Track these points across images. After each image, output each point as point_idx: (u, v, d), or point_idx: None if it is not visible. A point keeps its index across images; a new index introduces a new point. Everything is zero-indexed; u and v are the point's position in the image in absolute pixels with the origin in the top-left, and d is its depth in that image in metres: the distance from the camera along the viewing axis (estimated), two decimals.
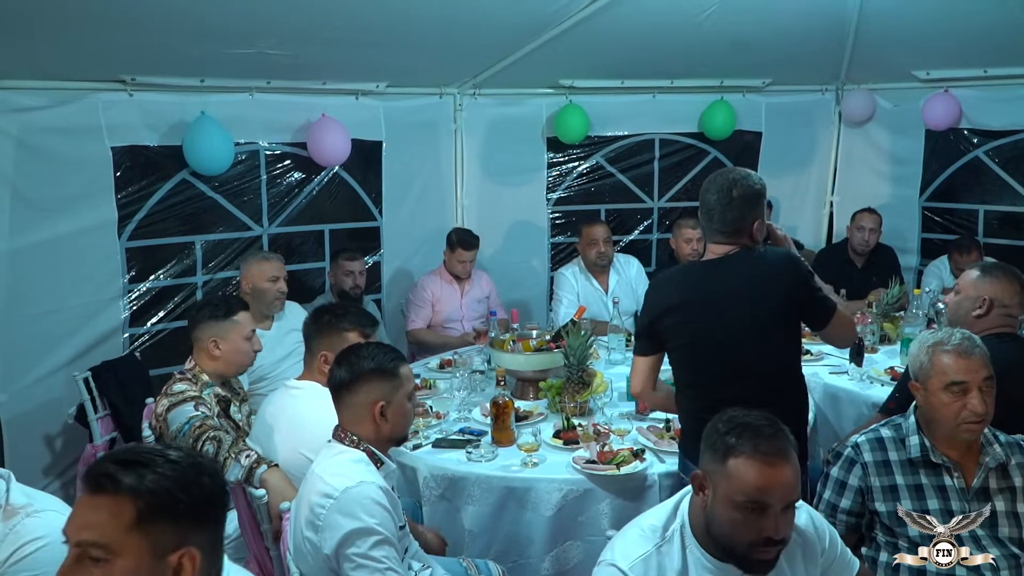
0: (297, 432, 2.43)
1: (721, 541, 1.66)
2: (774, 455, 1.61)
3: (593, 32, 3.98)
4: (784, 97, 5.31)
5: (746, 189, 2.30)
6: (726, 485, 1.62)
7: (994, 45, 4.35)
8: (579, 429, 2.86)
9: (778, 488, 1.60)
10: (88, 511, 1.30)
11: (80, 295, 3.76)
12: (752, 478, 1.60)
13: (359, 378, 2.04)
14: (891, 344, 3.84)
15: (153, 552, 1.29)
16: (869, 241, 4.71)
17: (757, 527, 1.61)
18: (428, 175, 4.91)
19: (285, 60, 3.78)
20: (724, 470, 1.63)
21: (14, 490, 1.82)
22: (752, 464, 1.60)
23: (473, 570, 2.44)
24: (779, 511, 1.61)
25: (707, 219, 2.35)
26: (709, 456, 1.67)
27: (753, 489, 1.59)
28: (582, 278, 4.45)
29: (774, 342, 2.32)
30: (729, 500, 1.61)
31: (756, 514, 1.60)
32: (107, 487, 1.29)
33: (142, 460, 1.32)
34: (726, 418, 1.69)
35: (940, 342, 2.10)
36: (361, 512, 1.89)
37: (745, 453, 1.61)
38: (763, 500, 1.60)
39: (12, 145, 3.45)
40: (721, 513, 1.63)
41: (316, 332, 2.62)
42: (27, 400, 3.58)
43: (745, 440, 1.62)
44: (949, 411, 2.04)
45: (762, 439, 1.62)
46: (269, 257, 3.68)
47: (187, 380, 2.73)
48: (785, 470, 1.61)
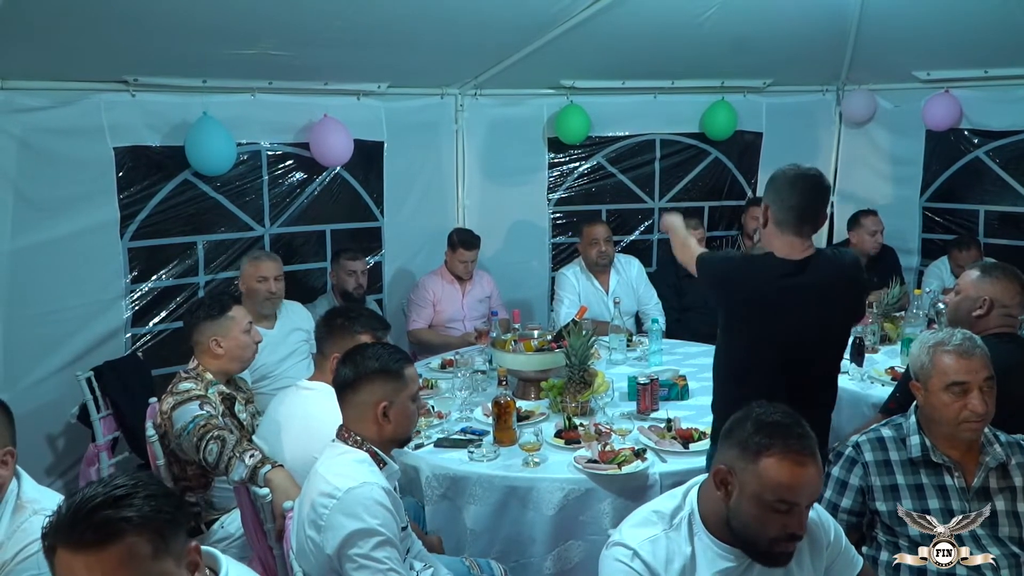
0: (308, 433, 2.43)
1: (742, 535, 1.68)
2: (804, 455, 1.63)
3: (594, 33, 3.99)
4: (785, 97, 5.32)
5: (827, 180, 2.40)
6: (756, 484, 1.63)
7: (994, 46, 4.35)
8: (580, 429, 2.87)
9: (807, 487, 1.63)
10: (107, 562, 1.26)
11: (82, 295, 3.76)
12: (784, 478, 1.61)
13: (363, 377, 2.05)
14: (892, 344, 3.85)
15: (177, 563, 1.34)
16: (880, 242, 4.72)
17: (781, 523, 1.63)
18: (429, 175, 4.92)
19: (287, 61, 3.79)
20: (755, 469, 1.63)
21: (26, 485, 1.83)
22: (784, 464, 1.61)
23: (476, 569, 2.44)
24: (803, 508, 1.64)
25: (796, 209, 2.32)
26: (737, 453, 1.67)
27: (785, 489, 1.61)
28: (583, 278, 4.46)
29: (837, 349, 2.44)
30: (758, 498, 1.63)
31: (783, 512, 1.62)
32: (122, 529, 1.28)
33: (119, 495, 1.30)
34: (754, 416, 1.70)
35: (941, 342, 2.10)
36: (363, 513, 1.89)
37: (777, 454, 1.62)
38: (792, 500, 1.62)
39: (15, 145, 3.46)
40: (747, 510, 1.65)
41: (328, 334, 2.62)
42: (30, 400, 3.58)
43: (776, 440, 1.63)
44: (950, 411, 2.04)
45: (792, 439, 1.63)
46: (260, 257, 3.70)
47: (192, 379, 2.74)
48: (813, 469, 1.63)
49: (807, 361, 2.34)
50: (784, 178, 2.36)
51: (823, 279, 2.32)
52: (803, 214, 2.32)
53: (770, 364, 2.32)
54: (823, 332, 2.36)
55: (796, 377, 2.29)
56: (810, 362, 2.35)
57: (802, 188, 2.33)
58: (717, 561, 1.71)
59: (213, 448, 2.44)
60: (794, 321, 2.30)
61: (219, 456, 2.42)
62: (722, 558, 1.71)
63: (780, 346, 2.31)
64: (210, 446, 2.45)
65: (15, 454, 1.83)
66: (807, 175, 2.36)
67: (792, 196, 2.32)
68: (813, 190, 2.34)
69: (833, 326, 2.39)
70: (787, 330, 2.30)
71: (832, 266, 2.37)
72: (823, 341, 2.39)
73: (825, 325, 2.35)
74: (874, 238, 4.70)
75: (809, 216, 2.33)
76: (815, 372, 2.39)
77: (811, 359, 2.36)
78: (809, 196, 2.33)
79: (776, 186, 2.37)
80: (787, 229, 2.34)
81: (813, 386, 2.38)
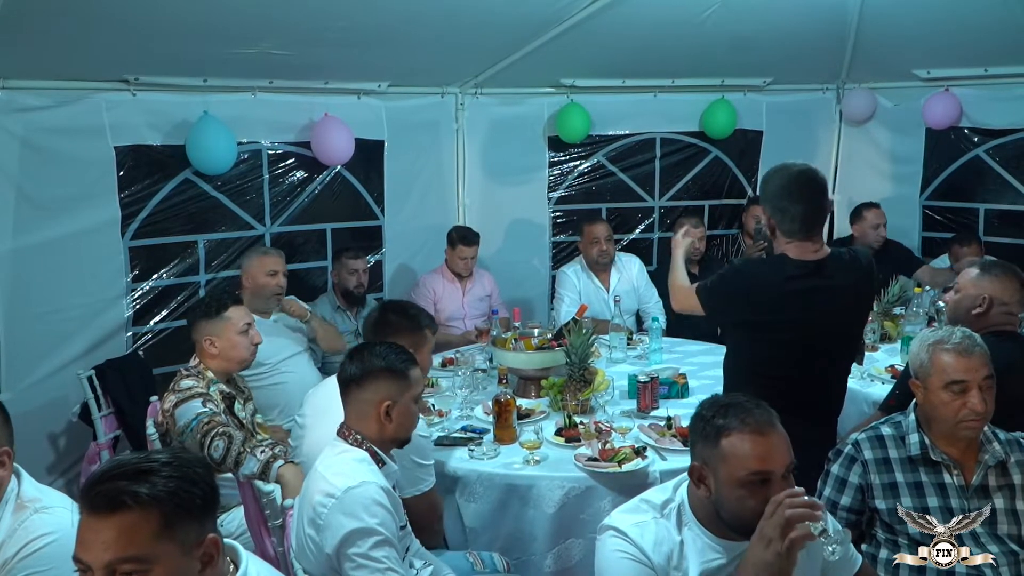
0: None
1: (734, 523, 1.68)
2: (763, 425, 1.65)
3: (594, 32, 3.99)
4: (785, 96, 5.32)
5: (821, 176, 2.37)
6: (725, 466, 1.65)
7: (995, 44, 4.35)
8: (581, 427, 2.87)
9: (775, 454, 1.64)
10: (110, 530, 1.28)
11: (83, 294, 3.77)
12: (748, 450, 1.63)
13: (369, 375, 2.05)
14: (891, 342, 3.85)
15: (183, 550, 1.33)
16: (883, 236, 4.72)
17: (763, 497, 1.63)
18: (430, 174, 4.92)
19: (287, 60, 3.79)
20: (719, 452, 1.65)
21: (26, 484, 1.84)
22: (744, 438, 1.64)
23: (479, 564, 2.46)
24: (780, 478, 1.64)
25: (800, 219, 2.32)
26: (702, 444, 1.70)
27: (752, 460, 1.63)
28: (584, 277, 4.46)
29: (851, 348, 2.48)
30: (732, 478, 1.64)
31: (761, 486, 1.63)
32: (127, 502, 1.28)
33: (144, 468, 1.32)
34: (708, 404, 1.74)
35: (940, 340, 2.11)
36: (362, 512, 1.90)
37: (735, 429, 1.65)
38: (764, 470, 1.63)
39: (16, 145, 3.47)
40: (727, 494, 1.66)
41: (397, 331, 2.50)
42: (31, 398, 3.59)
43: (731, 418, 1.66)
44: (949, 409, 2.04)
45: (748, 413, 1.66)
46: (269, 251, 3.72)
47: (193, 376, 2.75)
48: (776, 437, 1.66)
49: (825, 359, 2.37)
50: (779, 186, 2.35)
51: (842, 280, 2.34)
52: (807, 219, 2.33)
53: (790, 364, 2.33)
54: (840, 329, 2.39)
55: (813, 376, 2.33)
56: (828, 360, 2.38)
57: (800, 195, 2.33)
58: (706, 552, 1.72)
59: (219, 444, 2.45)
60: (813, 320, 2.31)
61: (226, 452, 2.43)
62: (711, 549, 1.72)
63: (800, 346, 2.33)
64: (215, 442, 2.46)
65: (12, 454, 1.83)
66: (801, 179, 2.35)
67: (792, 205, 2.33)
68: (812, 193, 2.34)
69: (851, 323, 2.42)
70: (807, 329, 2.32)
71: (849, 267, 2.38)
72: (840, 338, 2.41)
73: (843, 322, 2.37)
74: (877, 231, 4.69)
75: (814, 219, 2.34)
76: (831, 370, 2.42)
77: (829, 357, 2.39)
78: (809, 200, 2.33)
79: (773, 197, 2.37)
80: (796, 236, 2.35)
81: (828, 384, 2.41)
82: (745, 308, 2.39)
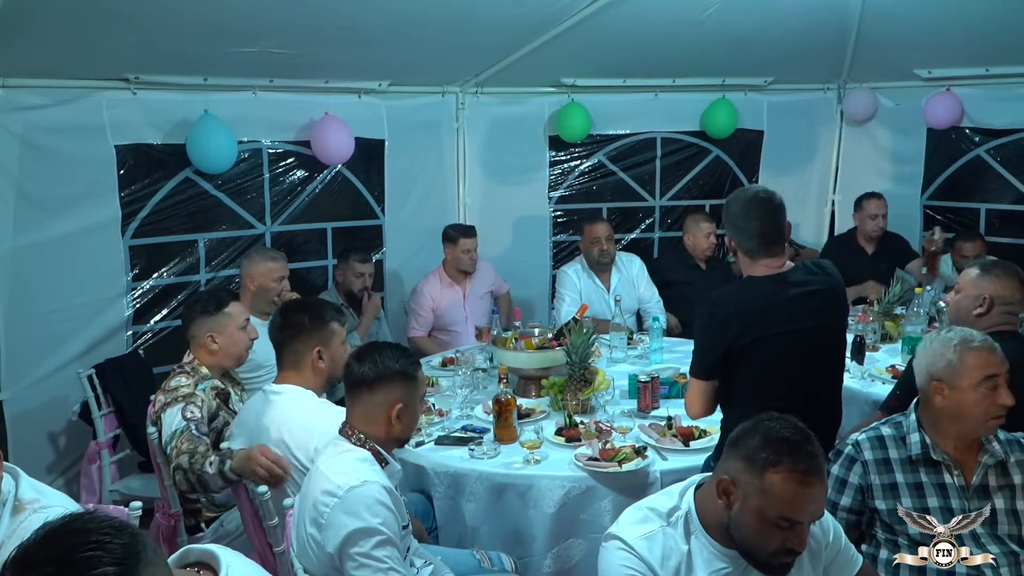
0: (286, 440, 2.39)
1: (744, 547, 1.67)
2: (811, 473, 1.60)
3: (595, 31, 3.99)
4: (786, 96, 5.31)
5: (778, 197, 2.44)
6: (759, 499, 1.61)
7: (996, 44, 4.35)
8: (581, 426, 2.87)
9: (811, 506, 1.62)
10: None
11: (84, 293, 3.77)
12: (788, 496, 1.59)
13: (383, 378, 2.05)
14: (892, 342, 3.85)
15: None
16: (881, 227, 4.71)
17: (782, 539, 1.61)
18: (430, 173, 4.92)
19: (288, 59, 3.79)
20: (760, 484, 1.61)
21: (23, 485, 1.83)
22: (789, 482, 1.59)
23: (486, 562, 2.46)
24: (805, 526, 1.62)
25: (759, 236, 2.38)
26: (743, 466, 1.64)
27: (788, 506, 1.59)
28: (584, 276, 4.46)
29: (841, 353, 2.53)
30: (760, 513, 1.61)
31: (784, 529, 1.61)
32: None
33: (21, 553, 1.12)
34: (763, 429, 1.66)
35: (966, 340, 2.09)
36: (364, 512, 1.90)
37: (784, 471, 1.59)
38: (795, 518, 1.60)
39: (16, 144, 3.46)
40: (749, 522, 1.63)
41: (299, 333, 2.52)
42: (31, 397, 3.59)
43: (784, 457, 1.60)
44: (980, 408, 2.03)
45: (800, 457, 1.60)
46: (276, 257, 3.63)
47: (186, 373, 2.75)
48: (819, 489, 1.62)
49: (817, 363, 2.40)
50: (737, 209, 2.42)
51: (815, 282, 2.41)
52: (766, 238, 2.39)
53: (785, 375, 2.35)
54: (825, 335, 2.43)
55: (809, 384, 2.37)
56: (819, 364, 2.42)
57: (757, 214, 2.39)
58: (714, 562, 1.71)
59: (178, 478, 2.49)
60: (798, 325, 2.34)
61: (187, 482, 2.48)
62: (719, 559, 1.71)
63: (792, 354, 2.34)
64: (176, 476, 2.49)
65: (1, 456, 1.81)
66: (757, 199, 2.42)
67: (750, 224, 2.39)
68: (767, 213, 2.40)
69: (832, 323, 2.46)
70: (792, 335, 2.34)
71: (816, 272, 2.45)
72: (828, 346, 2.46)
73: (825, 325, 2.42)
74: (875, 221, 4.69)
75: (773, 237, 2.40)
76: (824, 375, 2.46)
77: (819, 361, 2.42)
78: (766, 219, 2.39)
79: (732, 219, 2.43)
80: (758, 255, 2.42)
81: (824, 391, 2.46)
82: (734, 330, 2.36)
